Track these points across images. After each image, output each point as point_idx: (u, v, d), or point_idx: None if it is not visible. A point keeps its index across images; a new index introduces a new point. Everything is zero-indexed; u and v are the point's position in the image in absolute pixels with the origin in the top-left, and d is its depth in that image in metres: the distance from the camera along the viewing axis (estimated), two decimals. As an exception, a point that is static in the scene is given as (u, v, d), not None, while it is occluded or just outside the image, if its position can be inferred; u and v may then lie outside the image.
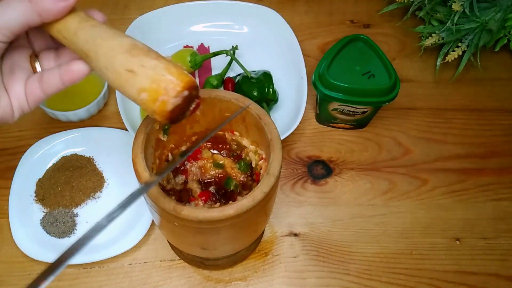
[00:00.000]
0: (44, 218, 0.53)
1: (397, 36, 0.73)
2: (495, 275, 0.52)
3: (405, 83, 0.67)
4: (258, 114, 0.40)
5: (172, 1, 0.71)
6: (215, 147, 0.47)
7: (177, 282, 0.51)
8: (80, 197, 0.55)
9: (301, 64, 0.62)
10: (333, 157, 0.60)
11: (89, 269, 0.51)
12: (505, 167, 0.60)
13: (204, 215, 0.34)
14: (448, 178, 0.59)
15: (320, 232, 0.54)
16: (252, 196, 0.35)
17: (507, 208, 0.57)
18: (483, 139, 0.63)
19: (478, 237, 0.55)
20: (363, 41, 0.58)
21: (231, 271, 0.52)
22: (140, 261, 0.52)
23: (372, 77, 0.56)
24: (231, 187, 0.45)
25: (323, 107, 0.59)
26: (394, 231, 0.55)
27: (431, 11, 0.66)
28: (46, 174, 0.56)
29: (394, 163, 0.60)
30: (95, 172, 0.57)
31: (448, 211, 0.56)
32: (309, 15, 0.75)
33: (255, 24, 0.69)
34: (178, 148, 0.46)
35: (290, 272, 0.52)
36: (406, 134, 0.63)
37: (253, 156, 0.44)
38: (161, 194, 0.35)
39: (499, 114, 0.65)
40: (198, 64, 0.63)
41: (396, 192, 0.58)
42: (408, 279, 0.52)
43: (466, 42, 0.63)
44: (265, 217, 0.43)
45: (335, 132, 0.63)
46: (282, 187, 0.58)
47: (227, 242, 0.42)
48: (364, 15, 0.75)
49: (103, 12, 0.36)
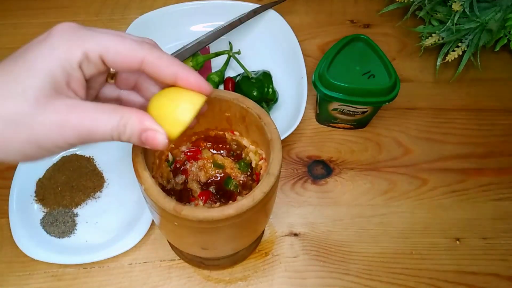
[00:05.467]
0: (44, 218, 0.53)
1: (397, 36, 0.73)
2: (495, 275, 0.52)
3: (405, 83, 0.67)
4: (258, 114, 0.40)
5: (172, 1, 0.71)
6: (215, 147, 0.47)
7: (177, 282, 0.51)
8: (80, 197, 0.55)
9: (301, 64, 0.62)
10: (333, 157, 0.60)
11: (89, 269, 0.51)
12: (505, 167, 0.60)
13: (204, 215, 0.34)
14: (448, 178, 0.59)
15: (320, 232, 0.54)
16: (252, 196, 0.35)
17: (507, 208, 0.57)
18: (483, 139, 0.63)
19: (478, 237, 0.55)
20: (363, 41, 0.58)
21: (231, 271, 0.51)
22: (140, 261, 0.52)
23: (372, 77, 0.56)
24: (231, 187, 0.45)
25: (323, 107, 0.59)
26: (394, 231, 0.55)
27: (431, 11, 0.66)
28: (46, 174, 0.56)
29: (394, 163, 0.60)
30: (95, 172, 0.57)
31: (448, 211, 0.56)
32: (309, 15, 0.75)
33: (255, 24, 0.69)
34: (178, 148, 0.46)
35: (290, 272, 0.52)
36: (406, 134, 0.63)
37: (253, 156, 0.44)
38: (161, 194, 0.35)
39: (499, 114, 0.65)
40: (199, 64, 0.63)
41: (396, 192, 0.58)
42: (408, 279, 0.52)
43: (466, 42, 0.63)
44: (265, 217, 0.43)
45: (335, 132, 0.63)
46: (282, 187, 0.58)
47: (227, 242, 0.42)
48: (364, 15, 0.75)
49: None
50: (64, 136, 0.28)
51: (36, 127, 0.28)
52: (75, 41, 0.28)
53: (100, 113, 0.29)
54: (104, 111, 0.29)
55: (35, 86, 0.27)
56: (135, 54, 0.30)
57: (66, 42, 0.28)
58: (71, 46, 0.28)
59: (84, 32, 0.29)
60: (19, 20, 0.73)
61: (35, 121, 0.28)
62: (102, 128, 0.29)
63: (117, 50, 0.29)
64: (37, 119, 0.28)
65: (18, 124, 0.27)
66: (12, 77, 0.27)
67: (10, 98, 0.27)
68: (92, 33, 0.29)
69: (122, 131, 0.29)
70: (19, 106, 0.27)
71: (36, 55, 0.28)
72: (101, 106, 0.29)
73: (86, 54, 0.28)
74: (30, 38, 0.30)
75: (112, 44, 0.29)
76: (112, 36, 0.29)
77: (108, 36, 0.29)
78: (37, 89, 0.27)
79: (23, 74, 0.27)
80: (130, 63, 0.30)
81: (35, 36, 0.30)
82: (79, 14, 0.73)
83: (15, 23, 0.72)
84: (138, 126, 0.29)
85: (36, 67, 0.27)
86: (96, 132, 0.29)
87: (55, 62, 0.28)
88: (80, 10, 0.74)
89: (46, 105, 0.27)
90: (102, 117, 0.29)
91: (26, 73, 0.27)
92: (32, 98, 0.27)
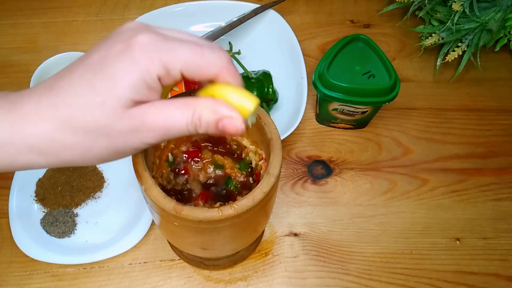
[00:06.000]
0: (44, 218, 0.53)
1: (397, 36, 0.73)
2: (495, 275, 0.52)
3: (405, 83, 0.67)
4: (258, 114, 0.40)
5: (172, 1, 0.71)
6: (215, 147, 0.47)
7: (177, 282, 0.51)
8: (80, 197, 0.55)
9: (301, 64, 0.62)
10: (333, 157, 0.60)
11: (89, 269, 0.51)
12: (505, 167, 0.60)
13: (204, 215, 0.34)
14: (448, 178, 0.59)
15: (320, 232, 0.54)
16: (252, 196, 0.35)
17: (507, 208, 0.57)
18: (483, 139, 0.63)
19: (478, 237, 0.55)
20: (363, 41, 0.58)
21: (231, 271, 0.52)
22: (140, 261, 0.52)
23: (372, 77, 0.56)
24: (231, 187, 0.45)
25: (323, 107, 0.59)
26: (394, 231, 0.55)
27: (431, 11, 0.66)
28: (46, 174, 0.56)
29: (394, 163, 0.60)
30: (95, 172, 0.57)
31: (448, 211, 0.56)
32: (309, 15, 0.75)
33: (255, 24, 0.69)
34: (178, 148, 0.46)
35: (290, 272, 0.52)
36: (406, 134, 0.63)
37: (253, 156, 0.44)
38: (161, 194, 0.35)
39: (499, 114, 0.65)
40: None
41: (396, 192, 0.58)
42: (408, 279, 0.52)
43: (466, 42, 0.63)
44: (265, 217, 0.43)
45: (335, 132, 0.63)
46: (282, 187, 0.58)
47: (227, 242, 0.42)
48: (364, 15, 0.75)
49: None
50: (140, 138, 0.29)
51: (114, 136, 0.29)
52: (156, 55, 0.28)
53: (173, 110, 0.29)
54: (177, 106, 0.29)
55: (115, 98, 0.28)
56: (213, 68, 0.30)
57: (147, 55, 0.28)
58: (152, 61, 0.28)
59: (164, 44, 0.29)
60: (19, 20, 0.73)
61: (112, 130, 0.28)
62: (177, 124, 0.29)
63: (197, 64, 0.29)
64: (115, 129, 0.28)
65: (97, 134, 0.28)
66: (92, 90, 0.28)
67: (91, 109, 0.28)
68: (172, 44, 0.29)
69: (198, 124, 0.30)
70: (98, 116, 0.28)
71: (118, 69, 0.28)
72: (173, 102, 0.30)
73: (167, 69, 0.29)
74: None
75: (192, 59, 0.29)
76: (191, 48, 0.29)
77: (188, 48, 0.29)
78: (116, 101, 0.28)
79: (104, 87, 0.28)
80: (207, 75, 0.30)
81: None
82: (79, 14, 0.73)
83: (15, 23, 0.72)
84: (213, 117, 0.29)
85: (117, 80, 0.28)
86: (172, 129, 0.29)
87: (137, 76, 0.28)
88: (80, 10, 0.74)
89: (123, 115, 0.28)
90: (176, 114, 0.29)
91: (107, 86, 0.28)
92: (110, 109, 0.28)
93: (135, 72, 0.28)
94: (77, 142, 0.29)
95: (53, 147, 0.29)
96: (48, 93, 0.29)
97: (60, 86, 0.29)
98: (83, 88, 0.28)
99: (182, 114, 0.29)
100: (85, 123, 0.28)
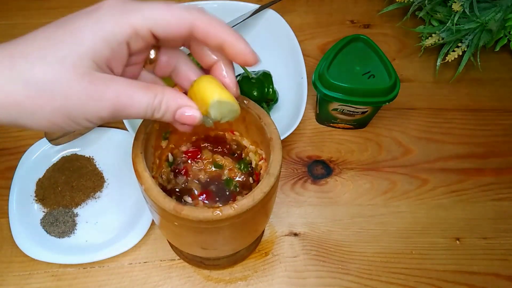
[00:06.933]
0: (44, 218, 0.53)
1: (397, 36, 0.73)
2: (495, 275, 0.52)
3: (405, 83, 0.67)
4: (258, 114, 0.40)
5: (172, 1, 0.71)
6: (215, 147, 0.47)
7: (177, 282, 0.51)
8: (80, 197, 0.55)
9: (301, 64, 0.62)
10: (333, 157, 0.60)
11: (89, 269, 0.51)
12: (505, 167, 0.60)
13: (204, 215, 0.34)
14: (448, 178, 0.59)
15: (320, 232, 0.54)
16: (252, 196, 0.35)
17: (507, 208, 0.57)
18: (483, 139, 0.63)
19: (478, 237, 0.55)
20: (363, 41, 0.58)
21: (231, 271, 0.52)
22: (140, 261, 0.52)
23: (372, 77, 0.56)
24: (231, 187, 0.45)
25: (323, 107, 0.59)
26: (394, 231, 0.55)
27: (431, 11, 0.66)
28: (46, 174, 0.56)
29: (394, 163, 0.60)
30: (95, 172, 0.57)
31: (448, 211, 0.56)
32: (309, 15, 0.75)
33: (255, 24, 0.69)
34: (178, 148, 0.46)
35: (290, 272, 0.52)
36: (406, 134, 0.63)
37: (253, 156, 0.44)
38: (161, 194, 0.35)
39: (499, 114, 0.65)
40: (200, 64, 0.63)
41: (396, 192, 0.58)
42: (408, 278, 0.52)
43: (466, 42, 0.63)
44: (265, 217, 0.43)
45: (335, 132, 0.63)
46: (282, 187, 0.58)
47: (227, 242, 0.42)
48: (364, 15, 0.75)
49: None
50: (97, 109, 0.28)
51: (70, 97, 0.27)
52: (124, 16, 0.28)
53: (136, 89, 0.29)
54: (140, 87, 0.29)
55: (76, 56, 0.26)
56: (184, 21, 0.29)
57: (114, 16, 0.27)
58: (119, 21, 0.27)
59: (131, 6, 0.28)
60: (18, 21, 0.73)
61: (70, 90, 0.27)
62: (137, 104, 0.29)
63: (166, 20, 0.29)
64: (73, 89, 0.27)
65: (51, 92, 0.26)
66: (53, 42, 0.27)
67: (47, 64, 0.26)
68: (140, 6, 0.28)
69: (157, 108, 0.30)
70: (56, 73, 0.26)
71: (82, 26, 0.27)
72: (137, 82, 0.30)
73: (135, 29, 0.28)
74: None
75: (160, 15, 0.29)
76: (159, 5, 0.29)
77: (156, 7, 0.29)
78: (77, 59, 0.26)
79: (65, 42, 0.27)
80: (180, 30, 0.30)
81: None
82: (79, 14, 0.73)
83: (14, 23, 0.72)
84: (173, 103, 0.30)
85: (80, 37, 0.27)
86: (131, 108, 0.29)
87: (101, 35, 0.27)
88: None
89: (83, 76, 0.27)
90: (138, 93, 0.29)
91: (69, 41, 0.27)
92: (70, 67, 0.26)
93: (99, 31, 0.27)
94: (28, 96, 0.26)
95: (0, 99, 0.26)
96: (7, 45, 0.28)
97: (22, 38, 0.28)
98: (43, 42, 0.27)
99: (145, 95, 0.29)
100: (41, 76, 0.26)
